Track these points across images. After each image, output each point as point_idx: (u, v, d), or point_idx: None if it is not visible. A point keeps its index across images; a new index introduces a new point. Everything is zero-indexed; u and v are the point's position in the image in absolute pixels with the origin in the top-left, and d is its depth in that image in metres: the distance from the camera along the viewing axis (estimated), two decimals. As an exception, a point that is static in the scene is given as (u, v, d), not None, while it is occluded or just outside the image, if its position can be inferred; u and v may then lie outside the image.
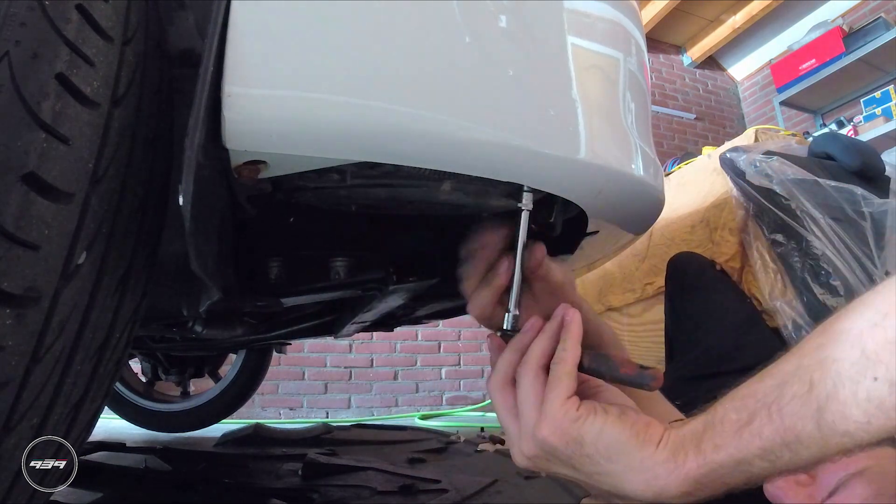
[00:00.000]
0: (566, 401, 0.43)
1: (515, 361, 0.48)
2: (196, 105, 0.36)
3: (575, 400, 0.43)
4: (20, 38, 0.32)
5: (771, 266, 1.30)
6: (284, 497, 0.98)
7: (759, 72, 4.49)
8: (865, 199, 1.26)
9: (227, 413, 1.92)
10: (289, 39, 0.38)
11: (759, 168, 1.32)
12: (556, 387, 0.44)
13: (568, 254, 0.69)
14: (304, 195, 0.54)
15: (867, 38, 3.32)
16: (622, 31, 0.58)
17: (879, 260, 1.20)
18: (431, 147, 0.43)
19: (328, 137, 0.40)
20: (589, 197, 0.52)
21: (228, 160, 0.41)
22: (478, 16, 0.44)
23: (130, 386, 1.85)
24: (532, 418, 0.44)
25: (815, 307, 1.22)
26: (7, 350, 0.31)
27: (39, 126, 0.32)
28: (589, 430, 0.41)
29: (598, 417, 0.42)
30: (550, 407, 0.43)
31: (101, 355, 0.42)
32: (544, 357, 0.46)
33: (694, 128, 4.41)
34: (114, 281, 0.41)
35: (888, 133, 3.22)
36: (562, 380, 0.44)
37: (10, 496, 0.36)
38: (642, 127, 0.59)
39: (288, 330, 1.00)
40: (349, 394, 3.04)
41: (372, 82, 0.40)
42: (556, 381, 0.44)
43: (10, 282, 0.31)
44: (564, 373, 0.44)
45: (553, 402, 0.43)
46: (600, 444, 0.41)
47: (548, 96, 0.47)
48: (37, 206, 0.32)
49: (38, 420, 0.36)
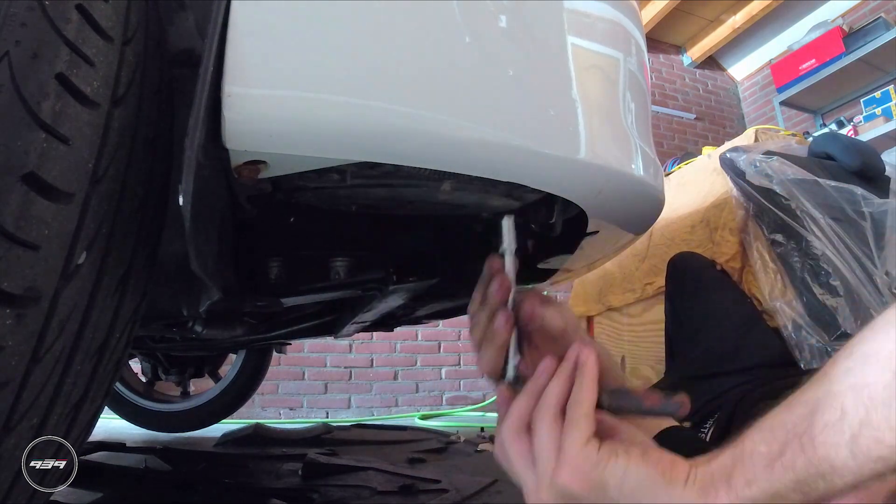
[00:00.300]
0: (586, 444, 0.41)
1: (530, 407, 0.46)
2: (196, 105, 0.36)
3: (595, 442, 0.41)
4: (20, 38, 0.32)
5: (771, 266, 1.30)
6: (284, 497, 0.98)
7: (759, 72, 4.49)
8: (865, 199, 1.26)
9: (227, 413, 1.92)
10: (289, 39, 0.38)
11: (759, 168, 1.32)
12: (573, 429, 0.42)
13: (568, 254, 0.69)
14: (304, 195, 0.54)
15: (867, 38, 3.31)
16: (622, 31, 0.58)
17: (879, 260, 1.20)
18: (431, 147, 0.43)
19: (328, 137, 0.40)
20: (589, 197, 0.52)
21: (228, 160, 0.41)
22: (478, 16, 0.44)
23: (130, 386, 1.85)
24: (551, 465, 0.42)
25: (815, 307, 1.22)
26: (7, 350, 0.31)
27: (39, 126, 0.32)
28: (612, 473, 0.39)
29: (621, 459, 0.40)
30: (570, 451, 0.41)
31: (101, 355, 0.42)
32: (561, 400, 0.44)
33: (694, 128, 4.41)
34: (114, 281, 0.41)
35: (888, 133, 3.22)
36: (580, 422, 0.42)
37: (10, 496, 0.36)
38: (642, 127, 0.59)
39: (288, 330, 1.00)
40: (349, 394, 3.04)
41: (372, 82, 0.40)
42: (574, 423, 0.42)
43: (10, 282, 0.31)
44: (582, 414, 0.43)
45: (572, 446, 0.41)
46: (625, 488, 0.39)
47: (548, 96, 0.47)
48: (37, 206, 0.32)
49: (38, 420, 0.36)
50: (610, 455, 0.40)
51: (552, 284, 0.86)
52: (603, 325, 1.94)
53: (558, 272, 0.79)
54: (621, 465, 0.40)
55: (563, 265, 0.75)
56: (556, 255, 0.71)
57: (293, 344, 1.99)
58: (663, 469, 0.39)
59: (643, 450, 0.41)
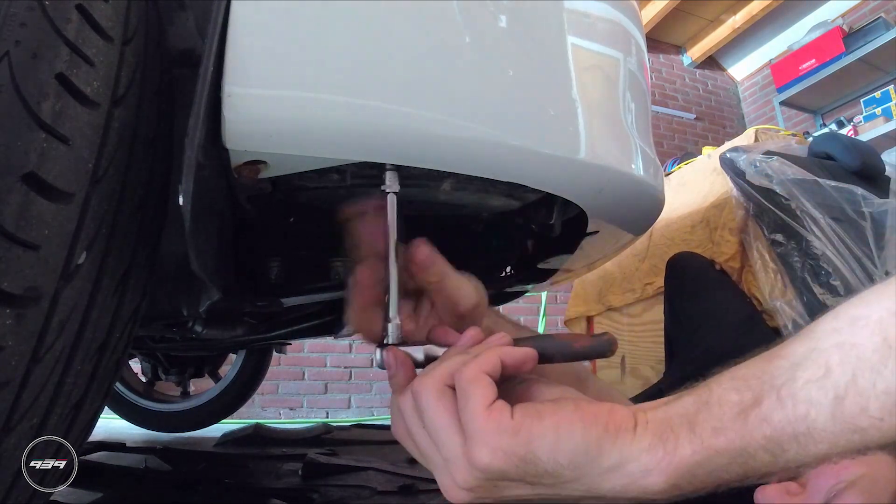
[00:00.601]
0: (489, 409, 0.33)
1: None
2: (196, 105, 0.36)
3: (504, 408, 0.34)
4: (20, 38, 0.31)
5: (771, 266, 1.30)
6: (284, 497, 0.98)
7: (759, 72, 4.49)
8: (865, 199, 1.26)
9: (227, 413, 1.92)
10: (289, 39, 0.38)
11: (759, 168, 1.32)
12: (464, 399, 0.34)
13: (568, 254, 0.69)
14: (304, 195, 0.54)
15: (867, 38, 3.32)
16: (622, 31, 0.58)
17: (879, 260, 1.20)
18: (431, 147, 0.43)
19: (328, 137, 0.40)
20: (589, 197, 0.52)
21: (228, 160, 0.41)
22: (478, 16, 0.44)
23: (130, 386, 1.85)
24: (455, 442, 0.34)
25: (815, 307, 1.22)
26: (7, 350, 0.31)
27: (39, 126, 0.32)
28: (541, 438, 0.32)
29: (548, 419, 0.33)
30: (472, 424, 0.33)
31: (101, 355, 0.42)
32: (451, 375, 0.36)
33: (694, 128, 4.41)
34: (114, 281, 0.41)
35: (888, 133, 3.22)
36: (468, 388, 0.34)
37: (10, 496, 0.36)
38: (642, 127, 0.59)
39: (288, 330, 1.00)
40: (349, 394, 3.04)
41: (372, 82, 0.40)
42: (462, 392, 0.34)
43: (10, 282, 0.31)
44: (470, 379, 0.34)
45: (473, 418, 0.33)
46: (561, 455, 0.32)
47: (548, 96, 0.47)
48: (37, 206, 0.32)
49: (38, 420, 0.36)
50: (532, 419, 0.33)
51: (552, 284, 0.86)
52: (603, 325, 1.94)
53: (558, 272, 0.79)
54: (549, 427, 0.33)
55: (563, 265, 0.75)
56: (556, 255, 0.71)
57: (293, 344, 1.98)
58: (605, 421, 0.33)
59: (574, 403, 0.34)
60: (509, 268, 0.79)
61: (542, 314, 3.52)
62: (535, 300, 3.50)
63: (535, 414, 0.33)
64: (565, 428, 0.33)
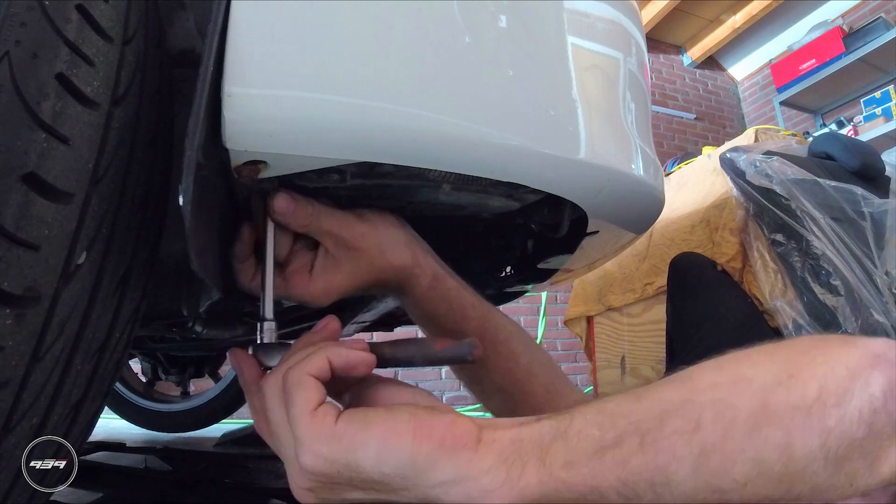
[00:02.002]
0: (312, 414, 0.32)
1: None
2: (196, 105, 0.35)
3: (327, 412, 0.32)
4: (20, 38, 0.31)
5: (771, 266, 1.30)
6: (284, 497, 0.97)
7: (759, 72, 4.49)
8: (865, 199, 1.26)
9: (227, 413, 1.92)
10: (289, 39, 0.38)
11: (759, 168, 1.32)
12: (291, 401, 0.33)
13: (568, 254, 0.69)
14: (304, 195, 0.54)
15: (867, 38, 3.32)
16: (622, 31, 0.58)
17: (879, 260, 1.20)
18: (431, 147, 0.43)
19: (328, 137, 0.40)
20: (589, 197, 0.52)
21: (228, 160, 0.41)
22: (478, 16, 0.44)
23: (130, 386, 1.85)
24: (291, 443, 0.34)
25: (815, 307, 1.22)
26: (7, 350, 0.31)
27: (39, 126, 0.32)
28: (364, 451, 0.31)
29: (374, 430, 0.31)
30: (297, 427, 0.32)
31: (101, 355, 0.42)
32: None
33: (694, 128, 4.41)
34: (114, 281, 0.41)
35: (888, 133, 3.22)
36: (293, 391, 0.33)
37: (10, 496, 0.36)
38: (642, 127, 0.59)
39: (288, 330, 1.00)
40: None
41: (372, 82, 0.40)
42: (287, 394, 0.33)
43: (10, 282, 0.31)
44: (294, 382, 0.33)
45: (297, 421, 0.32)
46: (385, 466, 0.31)
47: (548, 96, 0.47)
48: (37, 206, 0.32)
49: (38, 420, 0.36)
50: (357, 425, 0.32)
51: (552, 284, 0.86)
52: (603, 325, 1.94)
53: (558, 272, 0.79)
54: (375, 437, 0.31)
55: (563, 265, 0.75)
56: (556, 255, 0.71)
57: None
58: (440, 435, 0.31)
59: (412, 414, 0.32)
60: (509, 268, 0.79)
61: (542, 314, 3.52)
62: (535, 300, 3.50)
63: (362, 421, 0.32)
64: (393, 440, 0.31)
